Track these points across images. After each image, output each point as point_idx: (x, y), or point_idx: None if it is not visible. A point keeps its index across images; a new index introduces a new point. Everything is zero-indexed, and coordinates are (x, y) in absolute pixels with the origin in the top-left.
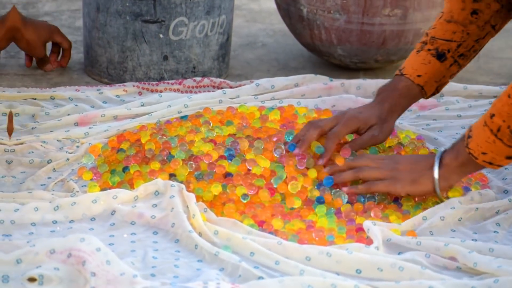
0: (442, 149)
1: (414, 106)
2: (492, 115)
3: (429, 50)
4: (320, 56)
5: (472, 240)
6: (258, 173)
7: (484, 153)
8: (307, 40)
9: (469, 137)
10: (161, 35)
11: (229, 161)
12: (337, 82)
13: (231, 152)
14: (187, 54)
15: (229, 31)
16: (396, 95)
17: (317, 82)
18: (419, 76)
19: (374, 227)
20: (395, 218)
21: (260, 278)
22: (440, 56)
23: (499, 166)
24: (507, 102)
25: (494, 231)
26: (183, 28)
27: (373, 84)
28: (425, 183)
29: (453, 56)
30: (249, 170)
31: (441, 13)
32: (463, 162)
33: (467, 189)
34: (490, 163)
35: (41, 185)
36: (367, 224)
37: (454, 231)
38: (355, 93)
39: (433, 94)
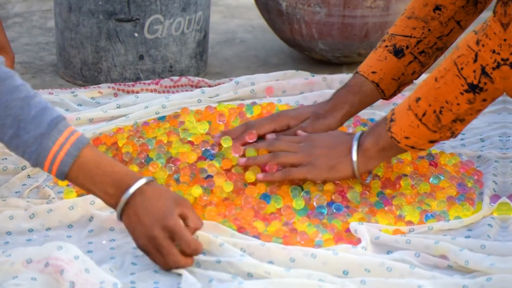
0: (359, 132)
1: (399, 100)
2: (418, 99)
3: (386, 46)
4: (301, 52)
5: (465, 237)
6: (237, 172)
7: (407, 137)
8: (287, 35)
9: (391, 120)
10: (136, 34)
11: (211, 160)
12: (318, 77)
13: (210, 152)
14: (163, 53)
15: (206, 28)
16: (345, 92)
17: (298, 77)
18: (373, 72)
19: (361, 227)
20: (386, 222)
21: (241, 282)
22: (397, 52)
23: (421, 149)
24: (433, 86)
25: (488, 224)
26: (159, 26)
27: None
28: (343, 169)
29: (412, 53)
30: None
31: (404, 10)
32: (384, 147)
33: (461, 186)
34: (413, 147)
35: (16, 192)
36: (353, 225)
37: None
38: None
39: (395, 93)
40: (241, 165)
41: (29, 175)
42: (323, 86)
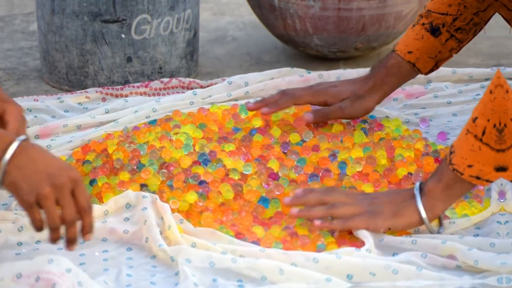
0: (420, 181)
1: (400, 95)
2: (475, 119)
3: (423, 24)
4: (295, 48)
5: (473, 235)
6: (236, 177)
7: (470, 166)
8: (281, 31)
9: (451, 153)
10: (122, 35)
11: (205, 166)
12: (314, 74)
13: (205, 157)
14: (152, 54)
15: (195, 26)
16: (384, 73)
17: (293, 75)
18: (409, 52)
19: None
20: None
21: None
22: (434, 30)
23: (488, 181)
24: (489, 99)
25: (497, 222)
26: (146, 26)
27: (354, 74)
28: (409, 214)
29: (448, 31)
30: (226, 175)
31: None
32: (448, 183)
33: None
34: (478, 178)
35: (3, 204)
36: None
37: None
38: None
39: (432, 70)
40: (294, 216)
41: None
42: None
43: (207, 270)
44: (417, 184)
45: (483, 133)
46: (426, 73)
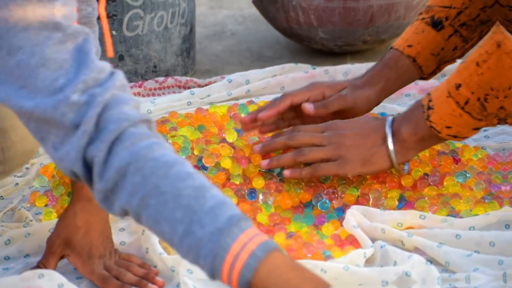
0: (390, 118)
1: (413, 90)
2: (458, 86)
3: (423, 19)
4: (299, 42)
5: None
6: (237, 182)
7: (448, 127)
8: (283, 25)
9: (429, 108)
10: (113, 32)
11: (204, 171)
12: (320, 70)
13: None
14: (145, 52)
15: (192, 21)
16: (380, 67)
17: (298, 71)
18: (409, 46)
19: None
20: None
21: None
22: (435, 24)
23: (464, 138)
24: (475, 71)
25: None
26: (139, 21)
27: (363, 68)
28: (379, 162)
29: (452, 25)
30: (228, 179)
31: None
32: (423, 137)
33: (491, 184)
34: (455, 136)
35: None
36: (348, 226)
37: None
38: None
39: (435, 72)
40: (264, 167)
41: (2, 196)
42: (325, 80)
43: (209, 282)
44: (388, 126)
45: (466, 102)
46: (428, 76)
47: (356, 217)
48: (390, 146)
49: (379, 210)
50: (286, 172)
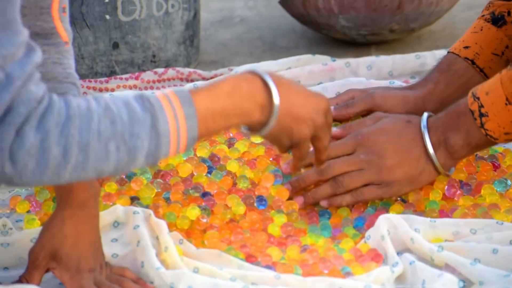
0: (424, 123)
1: None
2: None
3: (483, 16)
4: (317, 30)
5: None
6: (244, 188)
7: (507, 133)
8: (299, 10)
9: (482, 115)
10: (107, 17)
11: (208, 175)
12: (341, 62)
13: (209, 164)
14: (143, 39)
15: (196, 5)
16: (431, 70)
17: (315, 64)
18: (466, 47)
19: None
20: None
21: None
22: (496, 20)
23: None
24: None
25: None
26: (136, 5)
27: (389, 61)
28: (427, 179)
29: None
30: (234, 184)
31: None
32: (478, 145)
33: None
34: None
35: None
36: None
37: None
38: (366, 75)
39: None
40: (301, 206)
41: None
42: (347, 73)
43: None
44: (427, 137)
45: None
46: None
47: (392, 221)
48: (436, 162)
49: (428, 220)
50: (324, 203)
